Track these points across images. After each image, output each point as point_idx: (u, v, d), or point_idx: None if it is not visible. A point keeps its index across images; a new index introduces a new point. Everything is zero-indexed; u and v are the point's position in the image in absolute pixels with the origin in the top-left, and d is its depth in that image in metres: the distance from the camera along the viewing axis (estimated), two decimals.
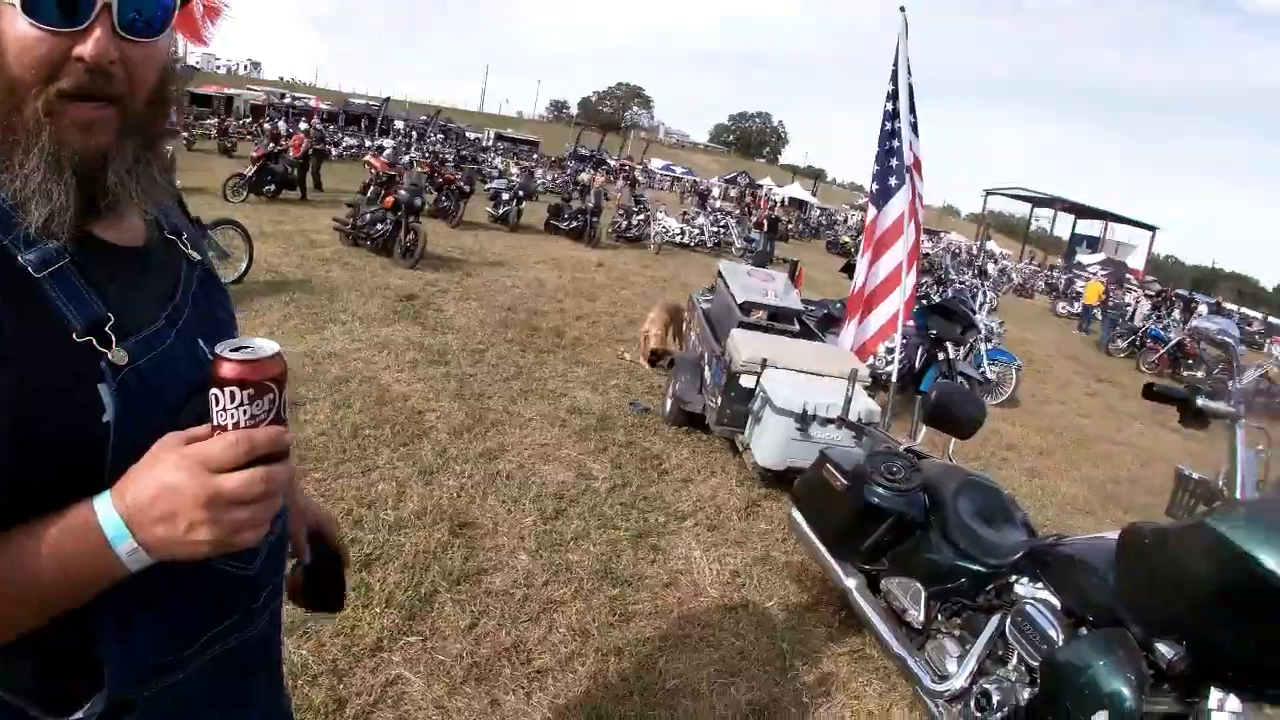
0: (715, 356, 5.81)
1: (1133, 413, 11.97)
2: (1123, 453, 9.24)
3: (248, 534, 0.78)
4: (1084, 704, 2.24)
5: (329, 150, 23.25)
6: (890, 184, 6.21)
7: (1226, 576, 2.07)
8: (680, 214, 22.88)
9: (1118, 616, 2.42)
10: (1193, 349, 17.68)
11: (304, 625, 3.00)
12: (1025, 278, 39.43)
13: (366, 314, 7.55)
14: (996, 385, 9.91)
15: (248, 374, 0.77)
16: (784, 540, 4.63)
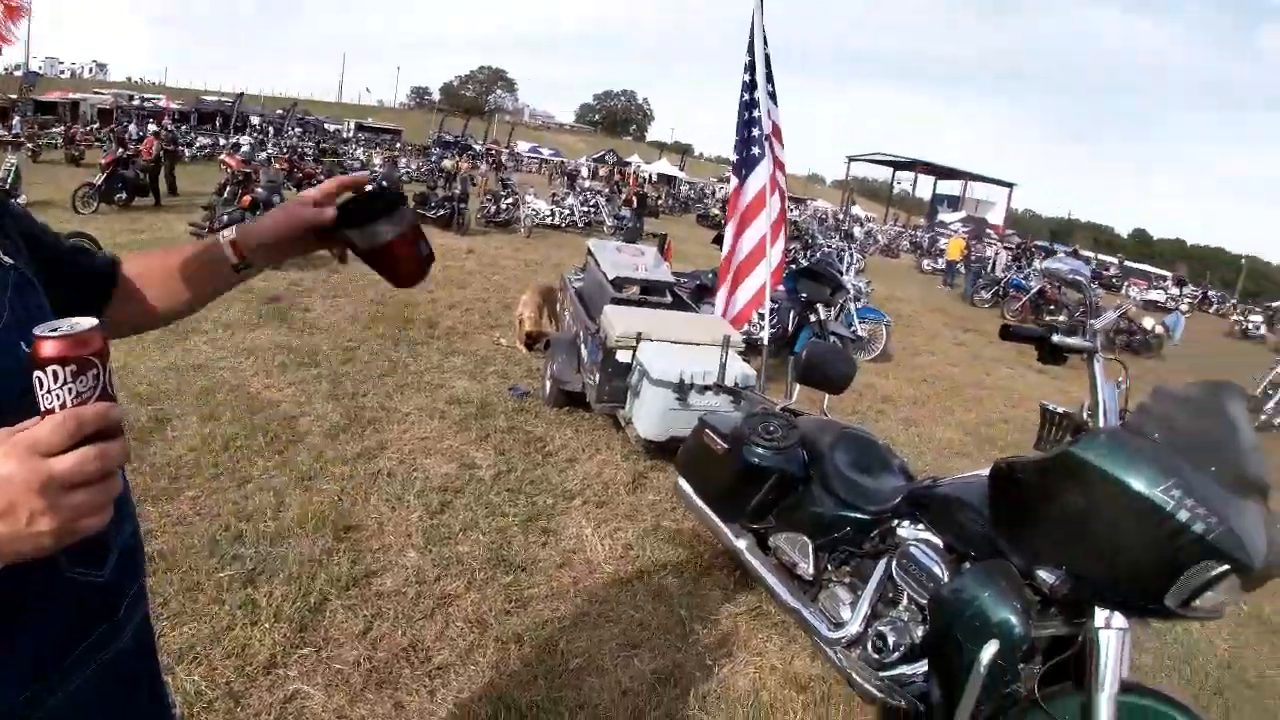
0: (590, 334, 5.80)
1: (999, 358, 12.53)
2: (992, 396, 9.65)
3: (90, 519, 0.73)
4: (975, 635, 2.31)
5: (182, 152, 22.20)
6: (753, 154, 6.30)
7: (1093, 499, 2.17)
8: (549, 195, 22.71)
9: (997, 549, 2.51)
10: (1053, 295, 18.64)
11: (192, 649, 2.87)
12: (890, 239, 40.68)
13: (230, 320, 7.23)
14: (868, 342, 10.22)
15: (67, 350, 0.74)
16: (673, 509, 4.67)
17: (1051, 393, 10.31)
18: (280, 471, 4.39)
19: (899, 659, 2.77)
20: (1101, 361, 2.49)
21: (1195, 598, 2.07)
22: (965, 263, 24.13)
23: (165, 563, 3.36)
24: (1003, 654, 2.26)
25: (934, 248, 34.64)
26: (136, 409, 4.85)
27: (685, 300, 7.05)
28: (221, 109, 41.72)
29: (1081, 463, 2.19)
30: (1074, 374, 11.75)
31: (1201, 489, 2.03)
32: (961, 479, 2.94)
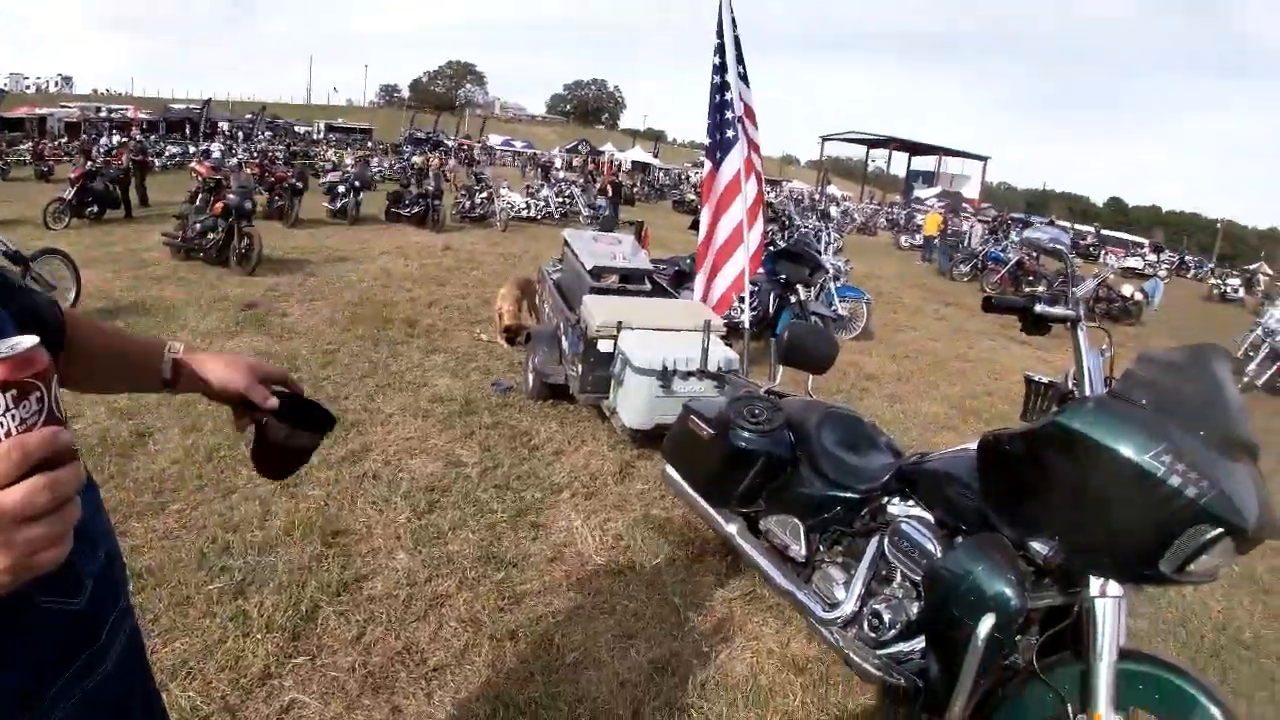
0: (571, 325, 5.77)
1: (981, 331, 12.58)
2: (975, 369, 9.69)
3: (47, 553, 0.68)
4: (971, 609, 2.30)
5: (152, 162, 21.95)
6: (727, 137, 6.29)
7: (1083, 468, 2.17)
8: (524, 188, 22.61)
9: (989, 522, 2.51)
10: (1032, 266, 18.74)
11: (185, 665, 2.83)
12: (867, 217, 40.84)
13: (207, 329, 7.17)
14: (850, 320, 10.25)
15: (7, 374, 0.68)
16: (662, 497, 4.65)
17: (1034, 364, 10.35)
18: (265, 480, 4.33)
19: (895, 636, 2.77)
20: (1085, 330, 2.48)
21: (1190, 562, 2.08)
22: (941, 237, 24.22)
23: (154, 579, 3.32)
24: (999, 627, 2.25)
25: (911, 224, 34.75)
26: (117, 424, 4.80)
27: (664, 287, 7.03)
28: (190, 116, 41.38)
29: (1069, 432, 2.18)
30: (1056, 344, 11.81)
31: (1191, 453, 2.03)
32: (950, 453, 2.94)
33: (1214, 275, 36.86)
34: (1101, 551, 2.24)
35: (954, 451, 2.93)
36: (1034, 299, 2.62)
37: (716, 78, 6.39)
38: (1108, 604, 2.24)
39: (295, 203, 15.19)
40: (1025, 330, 2.66)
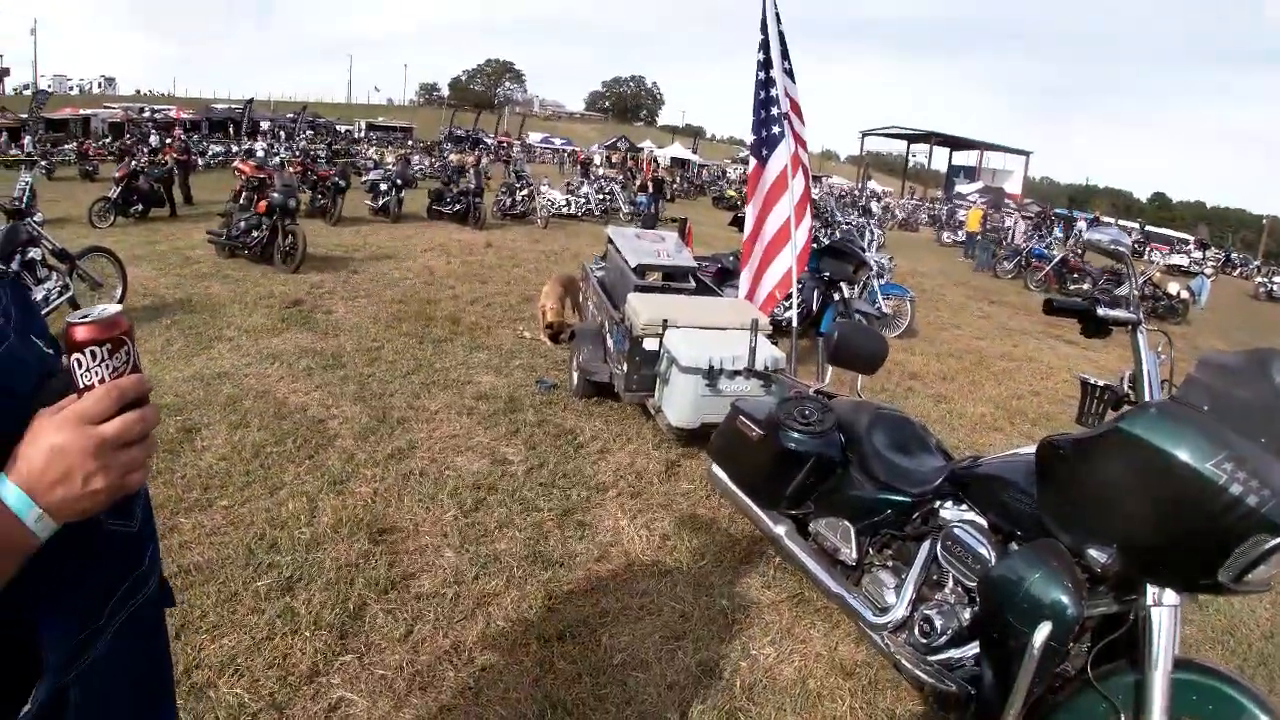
0: (615, 323, 5.75)
1: (1026, 330, 12.41)
2: (1021, 368, 9.54)
3: (136, 474, 0.86)
4: (1026, 617, 2.26)
5: (195, 161, 22.27)
6: (774, 133, 6.24)
7: (1144, 475, 2.12)
8: (564, 185, 22.66)
9: (1045, 528, 2.46)
10: (1076, 264, 18.46)
11: (233, 662, 2.86)
12: (908, 212, 40.42)
13: (253, 326, 7.25)
14: (893, 318, 10.14)
15: (101, 333, 0.84)
16: (708, 497, 4.63)
17: (1081, 363, 10.21)
18: (312, 476, 4.38)
19: (947, 643, 2.73)
20: (1145, 333, 2.44)
21: (1248, 572, 2.03)
22: (983, 233, 23.92)
23: (202, 575, 3.36)
24: (1055, 635, 2.21)
25: (953, 220, 34.34)
26: (165, 420, 4.85)
27: (708, 284, 6.99)
28: (232, 116, 41.97)
29: (1131, 438, 2.14)
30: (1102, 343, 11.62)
31: (1253, 461, 1.98)
32: (1004, 457, 2.89)
33: (1260, 273, 36.08)
34: (1160, 560, 2.20)
35: (1008, 455, 2.89)
36: (1095, 302, 2.58)
37: (761, 74, 6.35)
38: (1164, 612, 2.19)
39: (338, 201, 15.32)
40: (1085, 333, 2.62)
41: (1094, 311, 2.50)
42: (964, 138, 63.55)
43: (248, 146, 26.77)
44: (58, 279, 6.75)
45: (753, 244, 6.54)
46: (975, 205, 32.46)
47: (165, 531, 3.64)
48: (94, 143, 28.28)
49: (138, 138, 26.17)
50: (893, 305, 10.15)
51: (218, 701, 2.67)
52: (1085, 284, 17.97)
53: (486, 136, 50.10)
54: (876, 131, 64.84)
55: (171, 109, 45.87)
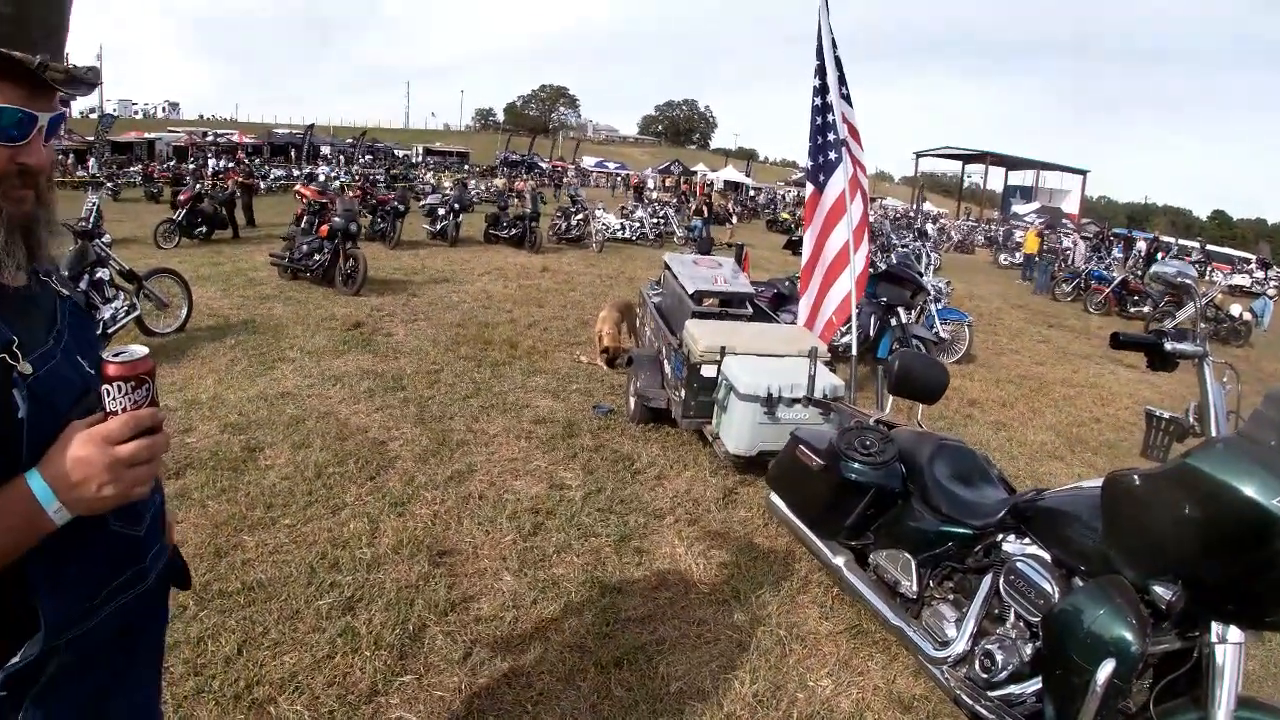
0: (673, 350, 5.77)
1: (1086, 354, 12.19)
2: (1081, 395, 9.36)
3: (141, 488, 1.10)
4: (1090, 653, 2.24)
5: (258, 184, 22.80)
6: (830, 158, 6.23)
7: (1214, 511, 2.09)
8: (618, 209, 22.80)
9: (1110, 564, 2.43)
10: (1137, 286, 18.09)
11: (294, 679, 2.92)
12: (964, 234, 39.93)
13: (315, 348, 7.40)
14: (951, 344, 10.02)
15: (129, 371, 1.08)
16: (765, 525, 4.62)
17: (1142, 389, 10.01)
18: (373, 497, 4.46)
19: (1007, 678, 2.70)
20: (1211, 365, 2.41)
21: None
22: (1041, 255, 23.55)
23: (264, 592, 3.44)
24: (1119, 672, 2.20)
25: (1009, 241, 33.82)
26: (229, 439, 4.99)
27: (766, 310, 6.98)
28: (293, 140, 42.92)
29: (1200, 474, 2.11)
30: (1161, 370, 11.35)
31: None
32: (1067, 490, 2.86)
33: None
34: (1226, 596, 2.17)
35: (1071, 489, 2.86)
36: (1161, 334, 2.56)
37: (817, 100, 6.35)
38: (1228, 650, 2.17)
39: (397, 225, 15.58)
40: (1151, 366, 2.59)
41: (1162, 346, 2.47)
42: (1019, 157, 62.66)
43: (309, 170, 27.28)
44: (125, 299, 6.95)
45: (811, 270, 6.52)
46: (1032, 226, 31.99)
47: (229, 548, 3.74)
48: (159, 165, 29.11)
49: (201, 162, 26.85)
50: (950, 330, 10.03)
51: (278, 718, 2.72)
52: (1146, 306, 17.62)
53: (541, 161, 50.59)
54: (931, 152, 64.22)
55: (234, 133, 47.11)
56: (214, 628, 3.15)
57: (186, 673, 2.89)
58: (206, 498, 4.22)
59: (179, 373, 6.28)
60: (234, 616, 3.24)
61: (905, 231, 22.28)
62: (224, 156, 27.68)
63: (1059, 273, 21.49)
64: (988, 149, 61.85)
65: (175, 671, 2.88)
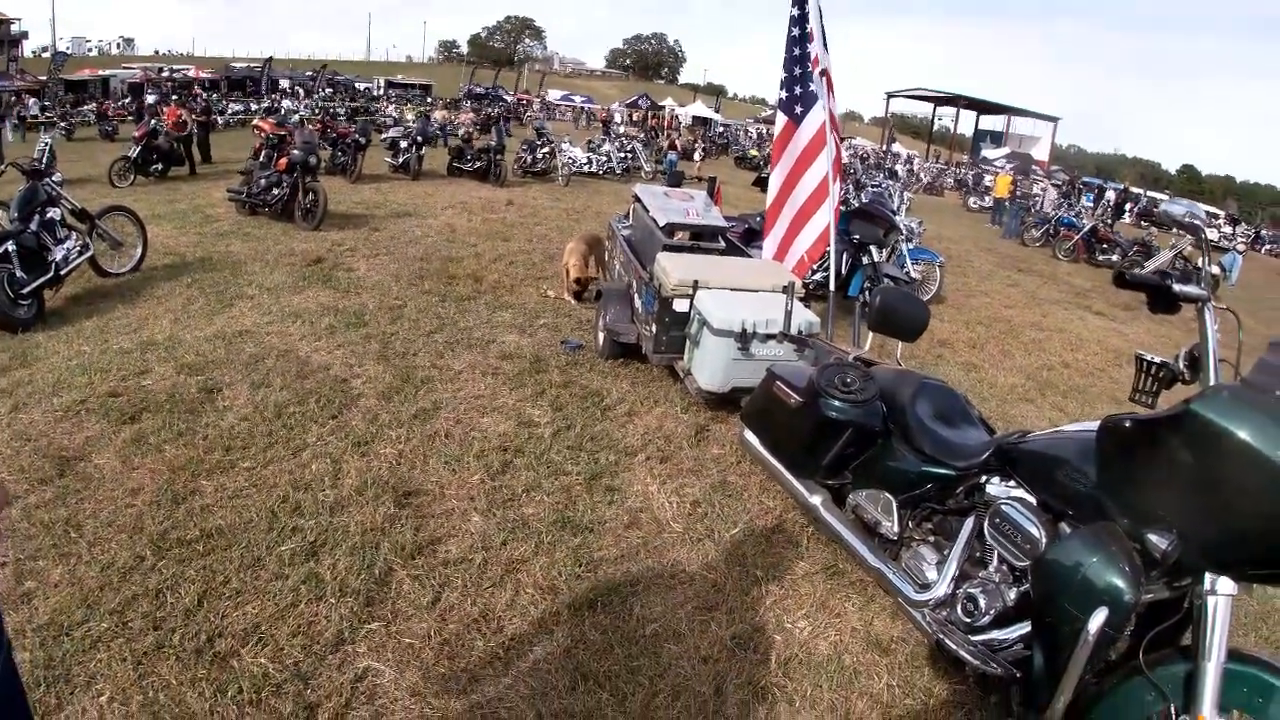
0: (644, 283, 5.63)
1: (1055, 300, 12.24)
2: (1051, 339, 9.37)
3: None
4: (1083, 602, 2.20)
5: (215, 120, 22.15)
6: (809, 90, 6.05)
7: (1213, 459, 2.04)
8: (585, 143, 22.41)
9: (1102, 510, 2.38)
10: (1106, 234, 18.23)
11: (257, 630, 2.80)
12: (933, 176, 39.94)
13: (274, 284, 7.18)
14: (922, 284, 9.96)
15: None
16: (739, 463, 4.55)
17: (1110, 336, 10.07)
18: (335, 437, 4.32)
19: (991, 623, 2.66)
20: (1212, 310, 2.33)
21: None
22: (1011, 200, 23.56)
23: (224, 539, 3.31)
24: (1111, 621, 2.16)
25: (980, 185, 33.84)
26: (186, 380, 4.81)
27: (738, 245, 6.83)
28: (251, 74, 41.75)
29: (1203, 421, 2.04)
30: (1131, 316, 11.45)
31: None
32: (1055, 433, 2.78)
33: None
34: (1222, 547, 2.12)
35: (1059, 431, 2.79)
36: (1167, 275, 2.48)
37: (795, 30, 6.15)
38: (1220, 601, 2.13)
39: (358, 158, 15.20)
40: (1152, 309, 2.51)
41: (1169, 287, 2.38)
42: (991, 102, 62.59)
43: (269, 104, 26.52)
44: (77, 239, 6.67)
45: (780, 206, 6.37)
46: (1003, 171, 31.97)
47: (186, 494, 3.61)
48: (113, 103, 28.18)
49: (143, 98, 26.00)
50: (921, 270, 9.97)
51: (241, 672, 2.61)
52: (1115, 255, 17.73)
53: (506, 94, 49.67)
54: (902, 93, 63.85)
55: (190, 68, 45.67)
56: (172, 578, 3.02)
57: (145, 627, 2.76)
58: (163, 442, 4.05)
59: (134, 313, 6.05)
60: (193, 566, 3.11)
61: (876, 172, 22.14)
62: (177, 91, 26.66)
63: (1029, 218, 21.54)
64: (960, 92, 61.65)
65: (134, 626, 2.76)
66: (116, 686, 2.49)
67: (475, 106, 34.30)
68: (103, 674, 2.54)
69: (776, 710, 2.80)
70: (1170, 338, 10.32)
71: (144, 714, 2.41)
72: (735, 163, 33.80)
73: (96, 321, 5.73)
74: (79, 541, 3.19)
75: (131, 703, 2.44)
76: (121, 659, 2.60)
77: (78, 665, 2.56)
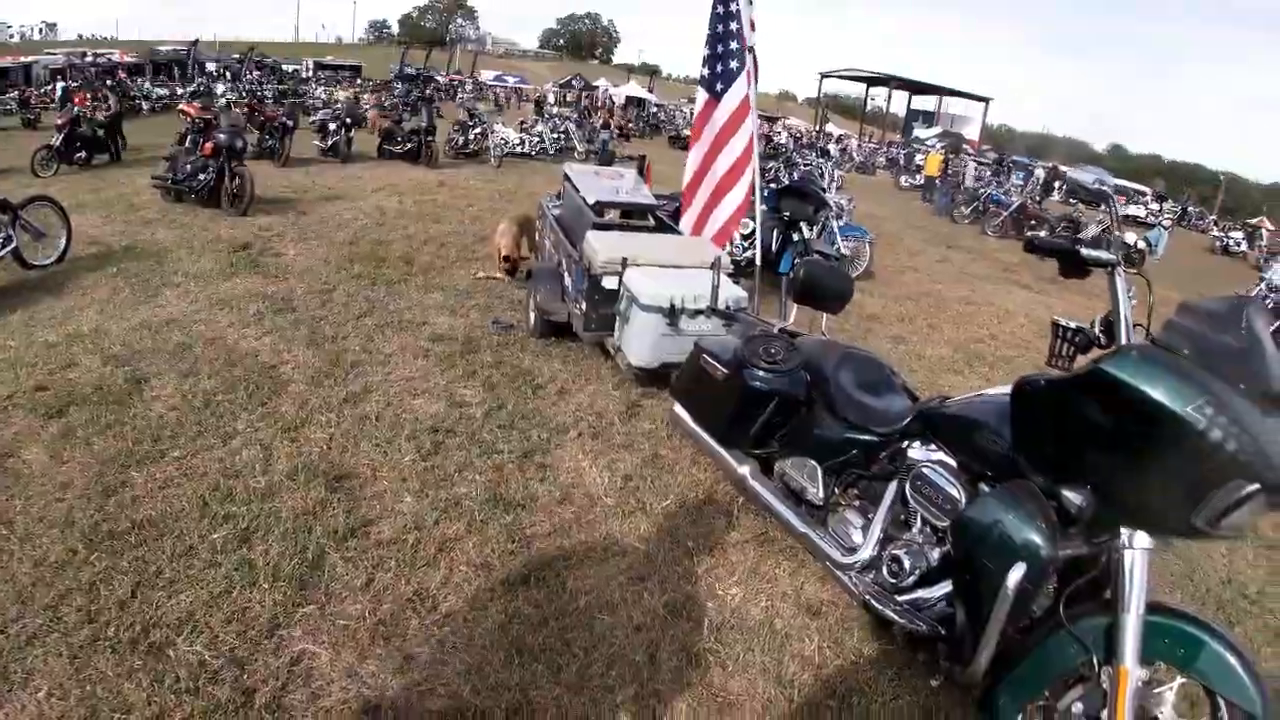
0: (573, 262, 5.64)
1: (983, 274, 12.50)
2: (979, 312, 9.58)
3: None
4: (1000, 557, 2.27)
5: (139, 105, 21.45)
6: (731, 67, 6.09)
7: (1123, 417, 2.10)
8: (518, 124, 22.23)
9: (1018, 469, 2.45)
10: (1034, 211, 18.67)
11: (191, 618, 2.77)
12: (866, 155, 40.33)
13: (201, 271, 7.01)
14: (852, 260, 10.10)
15: None
16: (669, 438, 4.59)
17: (1037, 308, 10.31)
18: (265, 424, 4.26)
19: (915, 583, 2.74)
20: (1123, 275, 2.40)
21: (1224, 517, 2.03)
22: (942, 178, 23.94)
23: (156, 529, 3.25)
24: (1029, 576, 2.23)
25: (911, 164, 34.27)
26: (113, 371, 4.69)
27: (668, 223, 6.87)
28: (177, 58, 40.50)
29: (1112, 379, 2.11)
30: (1057, 289, 11.74)
31: (1233, 406, 1.97)
32: (974, 397, 2.86)
33: (1217, 227, 36.53)
34: (1135, 502, 2.19)
35: (975, 396, 2.87)
36: (1077, 241, 2.53)
37: (720, 7, 6.18)
38: (1137, 555, 2.20)
39: (286, 141, 14.87)
40: (1063, 274, 2.56)
41: (1076, 251, 2.44)
42: (923, 82, 63.24)
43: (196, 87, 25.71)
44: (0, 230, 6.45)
45: (699, 180, 6.42)
46: (934, 150, 32.43)
47: (116, 486, 3.52)
48: (36, 90, 27.09)
49: (53, 84, 24.99)
50: (851, 247, 10.09)
51: (177, 660, 2.58)
52: (1042, 231, 18.10)
53: (438, 75, 48.93)
54: (836, 73, 64.27)
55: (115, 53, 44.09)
56: (105, 571, 2.96)
57: (80, 621, 2.71)
58: (91, 435, 3.95)
59: (59, 305, 5.86)
60: (126, 557, 3.06)
61: (808, 151, 22.33)
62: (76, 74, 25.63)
63: (959, 196, 21.89)
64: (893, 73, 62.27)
65: (69, 621, 2.70)
66: (54, 682, 2.45)
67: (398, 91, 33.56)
68: (39, 670, 2.49)
69: (710, 675, 2.85)
70: (1095, 309, 10.59)
71: (82, 708, 2.37)
72: (669, 142, 33.79)
73: (21, 315, 5.55)
74: (10, 538, 3.11)
75: (70, 697, 2.40)
76: (57, 654, 2.55)
77: (14, 662, 2.51)
